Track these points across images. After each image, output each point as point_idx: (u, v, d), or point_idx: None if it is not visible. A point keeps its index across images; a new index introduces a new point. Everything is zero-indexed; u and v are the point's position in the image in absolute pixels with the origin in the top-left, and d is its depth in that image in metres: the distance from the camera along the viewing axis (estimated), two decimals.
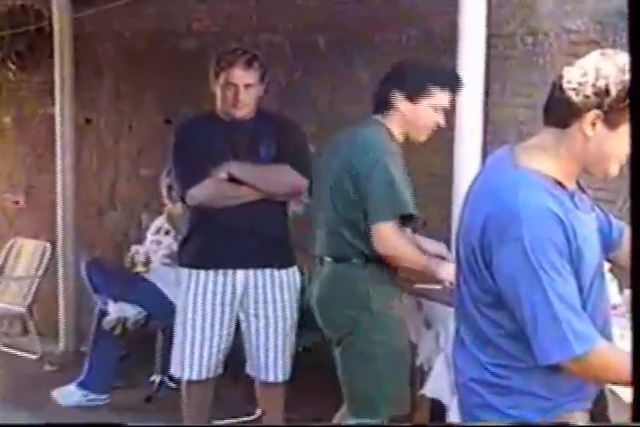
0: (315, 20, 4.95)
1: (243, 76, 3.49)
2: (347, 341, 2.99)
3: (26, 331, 6.45)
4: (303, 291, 3.79)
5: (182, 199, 3.61)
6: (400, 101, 3.02)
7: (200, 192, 3.51)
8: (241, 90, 3.49)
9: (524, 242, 1.73)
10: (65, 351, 6.03)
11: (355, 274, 2.99)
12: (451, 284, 2.90)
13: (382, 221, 2.88)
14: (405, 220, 2.93)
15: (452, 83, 3.09)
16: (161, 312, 4.61)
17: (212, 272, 3.58)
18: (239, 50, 3.58)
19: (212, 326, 3.59)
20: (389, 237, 2.88)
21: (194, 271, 3.59)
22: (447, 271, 2.90)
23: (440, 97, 3.06)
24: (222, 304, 3.60)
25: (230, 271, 3.58)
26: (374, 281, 2.99)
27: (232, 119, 3.57)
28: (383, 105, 3.03)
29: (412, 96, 3.02)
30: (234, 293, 3.60)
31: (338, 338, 3.02)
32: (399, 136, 3.06)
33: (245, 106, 3.54)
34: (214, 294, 3.58)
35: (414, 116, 3.05)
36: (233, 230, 3.53)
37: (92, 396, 4.83)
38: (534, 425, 1.93)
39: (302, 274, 3.85)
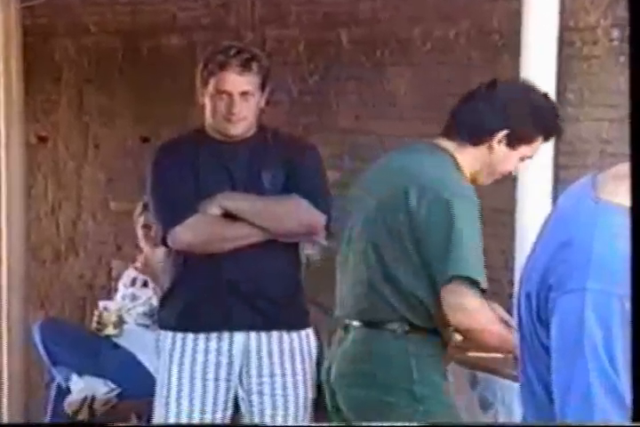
0: (336, 10, 5.03)
1: (238, 81, 3.54)
2: None
3: None
4: (319, 360, 3.81)
5: (163, 242, 3.66)
6: (499, 142, 3.06)
7: (186, 233, 3.56)
8: (236, 99, 3.55)
9: (585, 295, 1.75)
10: None
11: (394, 347, 2.99)
12: None
13: (452, 281, 2.88)
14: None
15: (554, 132, 3.16)
16: (137, 389, 4.65)
17: (201, 336, 3.62)
18: (233, 48, 3.64)
19: (203, 407, 3.62)
20: (466, 303, 2.88)
21: (179, 335, 3.63)
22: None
23: (536, 146, 3.13)
24: (216, 379, 3.63)
25: (226, 335, 3.61)
26: (418, 355, 3.00)
27: (226, 138, 3.63)
28: (467, 134, 3.06)
29: (516, 140, 3.05)
30: (231, 363, 3.63)
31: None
32: (467, 174, 3.09)
33: (242, 120, 3.60)
34: (205, 365, 3.61)
35: (501, 160, 3.09)
36: (229, 282, 3.58)
37: None
38: (535, 425, 1.96)
39: (318, 338, 3.88)
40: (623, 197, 1.85)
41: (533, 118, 3.08)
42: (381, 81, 4.85)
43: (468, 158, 3.06)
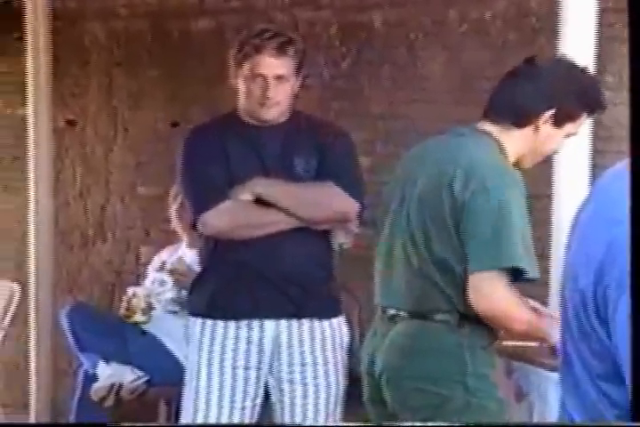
0: None
1: (273, 65, 3.53)
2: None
3: None
4: (351, 349, 3.80)
5: (194, 226, 3.66)
6: (545, 122, 3.01)
7: (216, 218, 3.55)
8: (271, 83, 3.54)
9: None
10: None
11: (448, 339, 2.96)
12: None
13: (487, 270, 2.84)
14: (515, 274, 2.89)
15: (599, 106, 3.10)
16: (166, 377, 4.66)
17: (232, 324, 3.61)
18: (269, 31, 3.62)
19: (233, 395, 3.62)
20: (492, 292, 2.84)
21: (208, 322, 3.62)
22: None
23: (580, 123, 3.09)
24: (246, 367, 3.63)
25: (257, 323, 3.61)
26: (472, 347, 2.96)
27: (259, 122, 3.62)
28: (511, 117, 3.01)
29: (562, 119, 3.01)
30: (261, 351, 3.63)
31: (417, 420, 2.97)
32: (511, 159, 3.04)
33: (276, 104, 3.58)
34: (236, 352, 3.61)
35: (547, 141, 3.05)
36: (260, 269, 3.57)
37: None
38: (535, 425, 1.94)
39: (349, 327, 3.87)
40: None
41: (578, 94, 3.04)
42: (415, 64, 4.84)
43: (513, 141, 3.02)
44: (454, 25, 4.67)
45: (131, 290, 5.05)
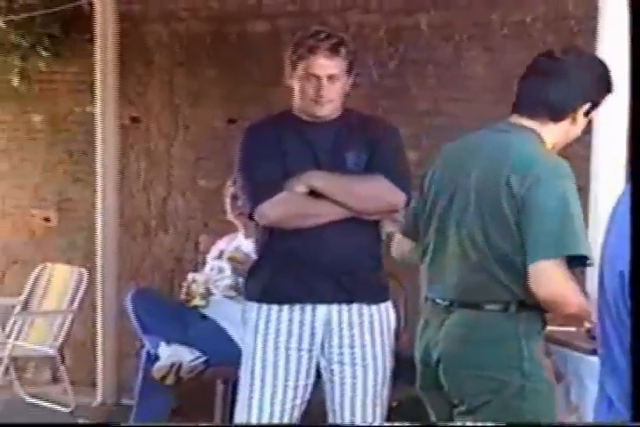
0: None
1: (327, 65, 3.55)
2: (485, 410, 2.93)
3: (56, 378, 6.62)
4: (397, 334, 3.82)
5: (250, 217, 3.69)
6: (580, 114, 3.02)
7: (273, 209, 3.58)
8: (324, 82, 3.56)
9: None
10: (103, 404, 6.16)
11: (505, 326, 2.95)
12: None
13: (549, 258, 2.84)
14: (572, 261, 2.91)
15: (611, 92, 3.11)
16: (223, 358, 4.70)
17: (286, 308, 3.64)
18: (322, 32, 3.63)
19: (287, 375, 3.64)
20: (555, 279, 2.84)
21: (264, 307, 3.65)
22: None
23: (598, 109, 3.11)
24: (299, 349, 3.65)
25: (309, 307, 3.63)
26: (527, 333, 2.96)
27: (313, 119, 3.64)
28: (550, 112, 3.01)
29: (591, 109, 3.04)
30: (313, 334, 3.65)
31: (471, 407, 2.96)
32: (548, 146, 3.04)
33: (329, 102, 3.61)
34: (289, 335, 3.64)
35: (576, 130, 3.08)
36: (313, 257, 3.59)
37: None
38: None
39: (396, 313, 3.89)
40: None
41: (605, 85, 3.05)
42: (458, 65, 4.85)
43: (552, 134, 3.01)
44: (496, 27, 4.67)
45: (190, 276, 5.10)
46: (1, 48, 6.48)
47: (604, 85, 3.05)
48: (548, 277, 2.84)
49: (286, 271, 3.60)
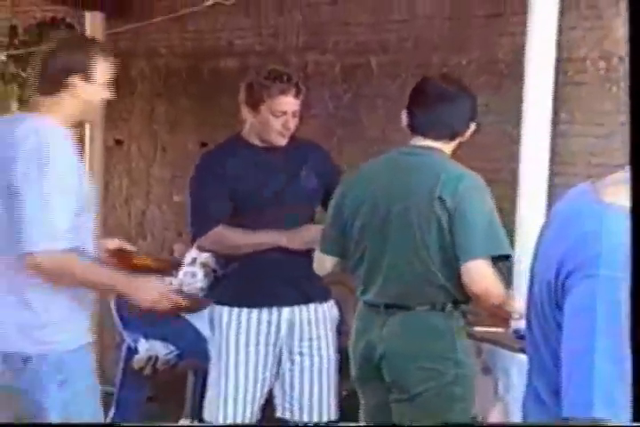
0: (366, 39, 5.03)
1: (293, 103, 3.58)
2: (423, 396, 2.97)
3: None
4: (339, 330, 3.84)
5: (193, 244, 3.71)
6: (469, 132, 3.10)
7: (206, 244, 3.60)
8: (290, 118, 3.58)
9: (597, 280, 1.75)
10: None
11: (441, 324, 2.99)
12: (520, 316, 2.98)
13: (480, 257, 2.89)
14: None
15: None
16: (194, 352, 4.67)
17: (255, 311, 3.64)
18: (285, 75, 3.64)
19: (256, 367, 3.64)
20: (487, 275, 2.89)
21: (235, 310, 3.65)
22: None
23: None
24: (266, 344, 3.66)
25: (275, 309, 3.64)
26: (458, 327, 3.01)
27: (266, 145, 3.63)
28: (449, 133, 3.07)
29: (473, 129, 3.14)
30: (278, 331, 3.66)
31: (412, 392, 2.99)
32: None
33: (289, 132, 3.63)
34: (258, 333, 3.64)
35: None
36: (276, 267, 3.59)
37: None
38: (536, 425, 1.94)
39: (343, 312, 3.91)
40: (623, 200, 1.85)
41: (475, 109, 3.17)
42: (404, 99, 4.86)
43: (448, 150, 3.10)
44: (436, 68, 4.69)
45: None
46: (2, 78, 6.42)
47: (476, 109, 3.16)
48: (479, 274, 2.89)
49: (254, 280, 3.60)
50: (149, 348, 4.83)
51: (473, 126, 3.11)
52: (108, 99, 3.01)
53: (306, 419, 3.73)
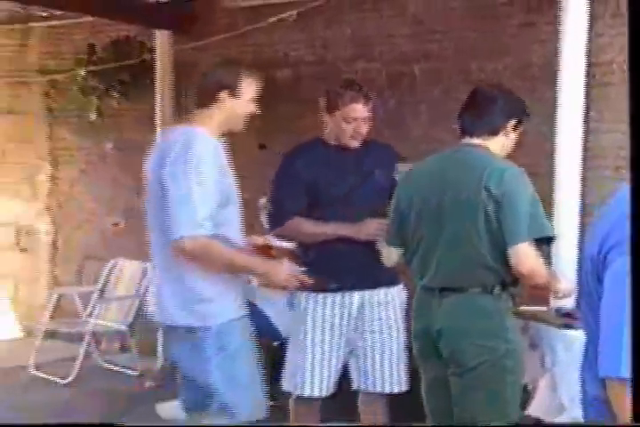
0: (410, 48, 5.06)
1: (364, 110, 3.63)
2: (478, 370, 2.99)
3: (123, 348, 6.63)
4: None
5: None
6: (509, 129, 3.14)
7: (284, 232, 3.66)
8: (361, 123, 3.63)
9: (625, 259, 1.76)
10: (163, 368, 6.17)
11: (491, 305, 3.01)
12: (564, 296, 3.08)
13: (525, 240, 2.93)
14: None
15: (527, 116, 3.25)
16: (262, 332, 4.71)
17: (330, 295, 3.68)
18: (356, 85, 3.70)
19: (331, 345, 3.70)
20: (532, 256, 2.93)
21: (312, 294, 3.69)
22: (567, 287, 3.06)
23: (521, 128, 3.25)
24: (340, 325, 3.70)
25: (347, 293, 3.69)
26: (507, 309, 3.04)
27: (343, 147, 3.69)
28: (488, 130, 3.11)
29: (515, 126, 3.15)
30: (350, 314, 3.71)
31: (469, 366, 3.02)
32: None
33: (362, 137, 3.68)
34: (332, 316, 3.70)
35: (509, 142, 3.19)
36: (348, 255, 3.62)
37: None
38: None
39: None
40: None
41: (522, 107, 3.19)
42: (446, 104, 4.88)
43: (492, 145, 3.12)
44: (475, 74, 4.70)
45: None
46: (83, 91, 6.52)
47: (520, 108, 3.17)
48: (525, 255, 2.93)
49: (328, 268, 3.62)
50: None
51: (512, 122, 3.12)
52: (251, 113, 3.21)
53: (378, 390, 3.78)
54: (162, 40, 6.03)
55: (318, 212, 3.65)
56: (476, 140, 3.10)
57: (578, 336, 3.19)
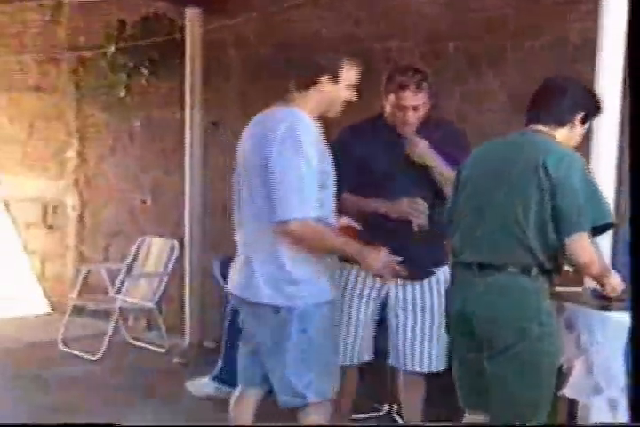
0: (443, 27, 5.01)
1: (412, 99, 3.60)
2: (512, 352, 2.98)
3: (150, 326, 6.68)
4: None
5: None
6: (576, 121, 3.13)
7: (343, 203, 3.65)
8: (409, 112, 3.61)
9: None
10: (190, 345, 6.22)
11: (528, 286, 3.00)
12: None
13: (584, 230, 2.92)
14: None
15: (599, 113, 3.26)
16: None
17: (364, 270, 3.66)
18: (410, 70, 3.66)
19: (366, 316, 3.75)
20: (589, 246, 2.94)
21: (347, 267, 3.68)
22: (617, 282, 3.09)
23: (590, 123, 3.27)
24: (374, 298, 3.75)
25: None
26: (543, 291, 3.02)
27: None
28: (555, 119, 3.11)
29: (584, 119, 3.16)
30: (382, 289, 3.74)
31: (502, 348, 3.00)
32: None
33: (411, 125, 3.65)
34: (363, 289, 3.72)
35: (575, 136, 3.18)
36: (388, 233, 3.57)
37: (225, 389, 4.98)
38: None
39: None
40: None
41: (592, 102, 3.18)
42: (479, 82, 4.84)
43: (558, 135, 3.12)
44: (510, 53, 4.66)
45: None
46: (112, 68, 6.52)
47: (591, 102, 3.17)
48: (583, 247, 2.94)
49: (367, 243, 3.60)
50: None
51: (580, 115, 3.11)
52: (349, 99, 3.22)
53: (410, 368, 3.78)
54: (192, 18, 6.00)
55: (365, 190, 3.64)
56: (540, 127, 3.12)
57: (615, 318, 3.19)
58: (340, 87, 3.19)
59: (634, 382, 1.27)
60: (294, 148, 2.99)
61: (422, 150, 3.60)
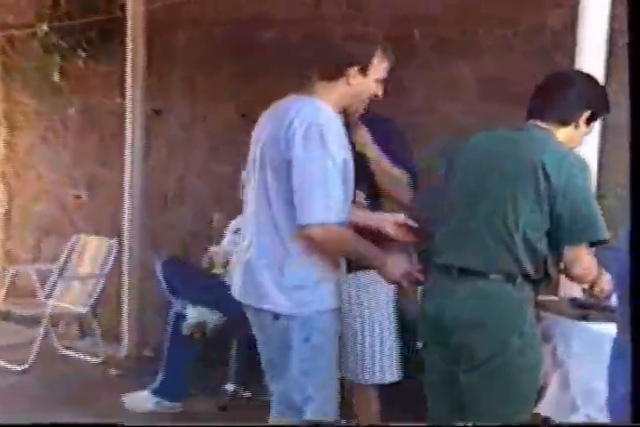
0: (410, 10, 4.97)
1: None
2: (492, 364, 2.93)
3: (83, 332, 6.57)
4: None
5: None
6: (582, 121, 3.07)
7: None
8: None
9: None
10: (128, 355, 6.13)
11: (511, 296, 2.95)
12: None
13: (580, 243, 2.91)
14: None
15: (607, 111, 3.21)
16: (238, 319, 4.66)
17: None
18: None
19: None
20: (585, 259, 2.93)
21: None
22: (609, 289, 3.06)
23: (595, 123, 3.21)
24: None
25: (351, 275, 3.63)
26: (528, 301, 2.98)
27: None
28: (559, 117, 3.05)
29: (589, 119, 3.09)
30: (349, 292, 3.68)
31: (483, 359, 2.95)
32: None
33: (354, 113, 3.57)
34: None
35: (578, 136, 3.12)
36: None
37: (167, 403, 4.91)
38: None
39: None
40: None
41: (601, 101, 3.11)
42: (448, 70, 4.81)
43: (560, 135, 3.05)
44: (481, 40, 4.64)
45: (212, 249, 5.09)
46: (44, 49, 6.42)
47: (600, 101, 3.11)
48: (580, 259, 2.93)
49: None
50: (199, 314, 4.83)
51: (587, 114, 3.05)
52: (375, 95, 3.18)
53: (366, 378, 3.72)
54: None
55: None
56: (540, 124, 3.06)
57: (595, 329, 3.17)
58: (369, 81, 3.12)
59: (634, 381, 1.25)
60: (319, 145, 2.91)
61: (364, 139, 3.54)
